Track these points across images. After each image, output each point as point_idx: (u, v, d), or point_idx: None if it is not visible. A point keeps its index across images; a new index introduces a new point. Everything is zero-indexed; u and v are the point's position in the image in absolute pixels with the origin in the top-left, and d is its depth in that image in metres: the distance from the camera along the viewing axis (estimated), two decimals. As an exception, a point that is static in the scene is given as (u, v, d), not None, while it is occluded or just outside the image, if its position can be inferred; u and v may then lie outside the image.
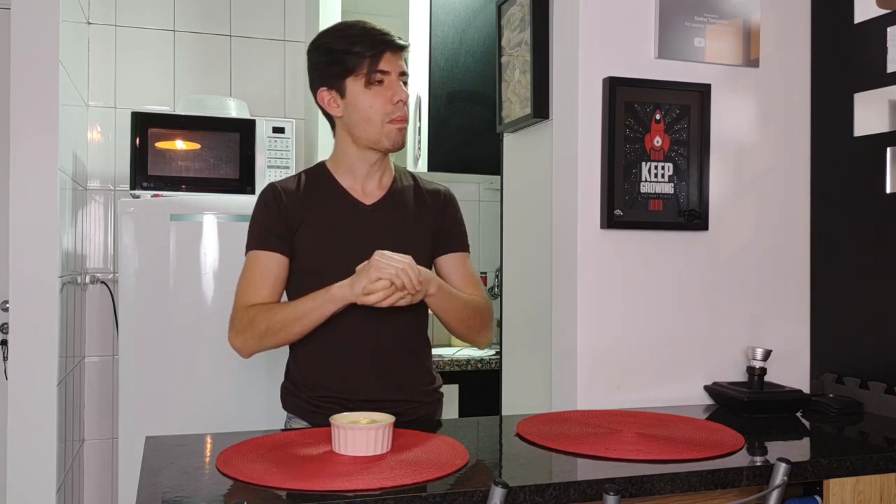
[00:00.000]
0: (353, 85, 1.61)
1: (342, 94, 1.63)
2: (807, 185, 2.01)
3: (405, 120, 1.64)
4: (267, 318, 1.57)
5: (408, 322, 1.67)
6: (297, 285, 1.64)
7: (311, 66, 1.68)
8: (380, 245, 1.62)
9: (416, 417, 1.65)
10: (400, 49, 1.63)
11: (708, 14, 1.90)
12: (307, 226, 1.64)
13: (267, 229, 1.64)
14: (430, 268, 1.71)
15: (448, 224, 1.74)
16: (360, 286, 1.48)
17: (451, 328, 1.69)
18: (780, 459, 1.31)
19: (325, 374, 1.64)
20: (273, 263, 1.63)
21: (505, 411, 2.30)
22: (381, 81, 1.61)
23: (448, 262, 1.72)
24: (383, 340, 1.63)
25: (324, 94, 1.65)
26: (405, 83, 1.65)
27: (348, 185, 1.68)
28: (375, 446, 1.32)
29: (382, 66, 1.60)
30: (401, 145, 1.66)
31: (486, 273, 3.39)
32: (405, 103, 1.63)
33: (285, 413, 1.72)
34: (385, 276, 1.46)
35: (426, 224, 1.71)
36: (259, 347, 1.61)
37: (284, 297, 1.68)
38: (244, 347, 1.62)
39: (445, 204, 1.75)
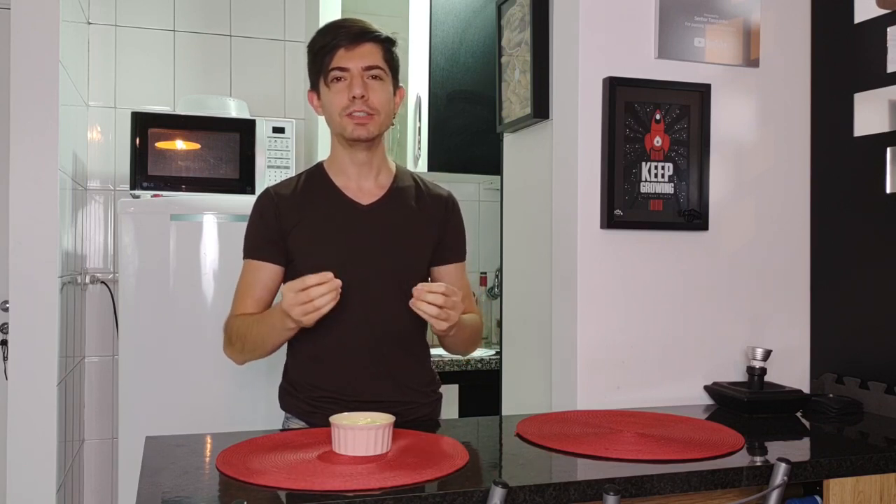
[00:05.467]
0: (322, 84, 1.63)
1: (318, 95, 1.65)
2: (807, 185, 2.01)
3: (365, 115, 1.59)
4: (240, 337, 1.61)
5: (406, 323, 1.66)
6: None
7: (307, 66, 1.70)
8: (376, 245, 1.62)
9: (414, 418, 1.65)
10: (360, 42, 1.59)
11: (708, 14, 1.90)
12: (302, 227, 1.63)
13: (258, 238, 1.65)
14: (426, 272, 1.70)
15: (450, 234, 1.73)
16: (297, 322, 1.46)
17: (445, 346, 1.71)
18: (780, 459, 1.31)
19: (322, 374, 1.64)
20: (262, 273, 1.64)
21: (505, 411, 2.30)
22: (339, 79, 1.59)
23: (445, 272, 1.72)
24: (381, 341, 1.63)
25: (311, 96, 1.69)
26: (376, 77, 1.60)
27: (343, 185, 1.67)
28: (375, 446, 1.32)
29: (337, 63, 1.59)
30: (365, 137, 1.61)
31: (486, 273, 3.39)
32: (363, 97, 1.58)
33: (283, 413, 1.72)
34: (300, 311, 1.43)
35: (426, 228, 1.69)
36: (246, 359, 1.66)
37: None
38: (234, 358, 1.67)
39: (449, 212, 1.73)
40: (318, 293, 1.42)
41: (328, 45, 1.59)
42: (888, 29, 1.78)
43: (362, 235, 1.63)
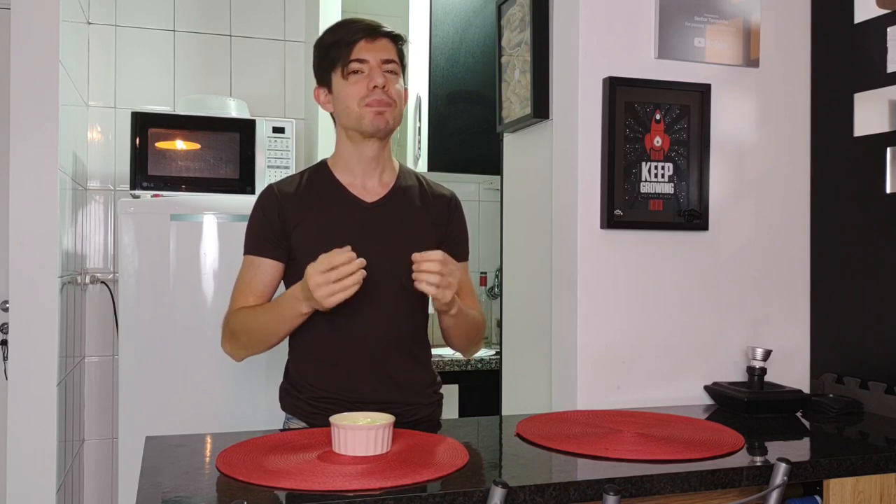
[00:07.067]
0: (336, 78, 1.62)
1: (330, 89, 1.65)
2: (807, 185, 2.01)
3: (384, 104, 1.59)
4: (245, 330, 1.60)
5: (407, 323, 1.67)
6: (298, 285, 1.64)
7: (313, 65, 1.69)
8: (380, 243, 1.62)
9: (415, 419, 1.64)
10: (377, 37, 1.61)
11: (708, 14, 1.90)
12: (305, 225, 1.63)
13: (260, 234, 1.65)
14: None
15: (454, 232, 1.73)
16: (319, 305, 1.45)
17: (449, 338, 1.70)
18: (780, 459, 1.31)
19: (324, 375, 1.64)
20: (263, 269, 1.63)
21: (505, 411, 2.30)
22: (357, 71, 1.60)
23: None
24: (382, 342, 1.63)
25: (318, 92, 1.68)
26: (392, 71, 1.62)
27: (348, 183, 1.67)
28: (375, 446, 1.32)
29: (357, 54, 1.59)
30: (384, 128, 1.61)
31: (486, 273, 3.39)
32: (384, 87, 1.59)
33: (284, 414, 1.72)
34: (326, 291, 1.42)
35: (430, 227, 1.69)
36: (248, 355, 1.66)
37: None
38: (234, 354, 1.67)
39: (452, 211, 1.74)
40: (346, 272, 1.42)
41: (345, 38, 1.60)
42: (888, 29, 1.78)
43: (366, 233, 1.62)
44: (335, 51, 1.61)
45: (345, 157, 1.68)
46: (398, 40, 1.65)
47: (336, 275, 1.41)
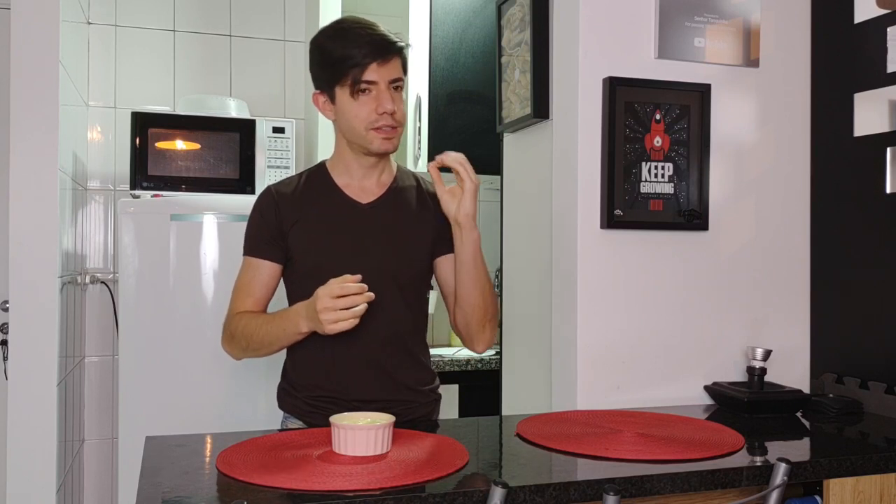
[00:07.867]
0: (341, 93, 1.60)
1: (332, 100, 1.63)
2: (807, 185, 2.01)
3: (393, 127, 1.60)
4: (245, 335, 1.60)
5: (406, 322, 1.67)
6: (296, 286, 1.64)
7: (310, 65, 1.68)
8: (376, 243, 1.62)
9: (413, 418, 1.65)
10: (390, 57, 1.58)
11: (708, 14, 1.90)
12: (302, 226, 1.63)
13: (258, 236, 1.65)
14: (427, 271, 1.70)
15: (447, 225, 1.73)
16: (321, 328, 1.45)
17: (469, 301, 1.66)
18: (780, 459, 1.31)
19: (321, 374, 1.64)
20: (261, 271, 1.64)
21: (505, 411, 2.30)
22: (366, 91, 1.58)
23: (448, 261, 1.72)
24: (380, 340, 1.63)
25: (318, 97, 1.66)
26: (398, 87, 1.61)
27: (344, 184, 1.67)
28: (375, 446, 1.32)
29: (367, 76, 1.57)
30: (391, 150, 1.63)
31: (486, 273, 3.38)
32: (392, 113, 1.58)
33: (282, 413, 1.72)
34: (332, 317, 1.43)
35: (427, 225, 1.69)
36: (246, 357, 1.67)
37: (283, 303, 1.68)
38: (233, 354, 1.68)
39: None
40: (353, 302, 1.42)
41: (355, 57, 1.56)
42: (888, 29, 1.78)
43: (362, 234, 1.63)
44: (345, 67, 1.57)
45: (344, 160, 1.68)
46: (405, 51, 1.63)
47: (344, 303, 1.42)
